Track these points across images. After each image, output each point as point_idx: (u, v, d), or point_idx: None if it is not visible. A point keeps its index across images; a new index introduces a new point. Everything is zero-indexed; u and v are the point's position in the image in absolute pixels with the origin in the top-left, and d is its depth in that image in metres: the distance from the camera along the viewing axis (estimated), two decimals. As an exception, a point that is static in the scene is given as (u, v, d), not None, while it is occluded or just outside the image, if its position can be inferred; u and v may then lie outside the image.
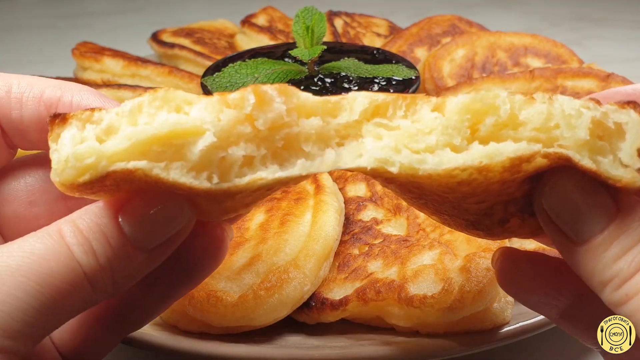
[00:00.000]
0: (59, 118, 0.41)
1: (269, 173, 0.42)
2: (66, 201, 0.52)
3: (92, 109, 0.42)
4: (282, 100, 0.43)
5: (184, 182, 0.41)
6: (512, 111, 0.40)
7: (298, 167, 0.43)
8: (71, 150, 0.40)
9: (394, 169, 0.42)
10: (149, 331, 0.66)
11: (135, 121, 0.41)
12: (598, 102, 0.39)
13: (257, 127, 0.42)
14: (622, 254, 0.40)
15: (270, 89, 0.42)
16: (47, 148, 0.48)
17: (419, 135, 0.42)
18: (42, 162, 0.52)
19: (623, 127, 0.38)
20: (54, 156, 0.41)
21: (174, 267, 0.49)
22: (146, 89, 1.15)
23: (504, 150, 0.40)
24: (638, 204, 0.41)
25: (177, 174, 0.41)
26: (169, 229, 0.45)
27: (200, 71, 1.22)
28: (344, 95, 0.44)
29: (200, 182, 0.41)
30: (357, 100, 0.43)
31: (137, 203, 0.44)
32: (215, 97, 0.42)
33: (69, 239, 0.42)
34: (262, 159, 0.43)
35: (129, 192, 0.44)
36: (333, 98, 0.44)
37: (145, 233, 0.44)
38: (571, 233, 0.42)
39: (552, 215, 0.43)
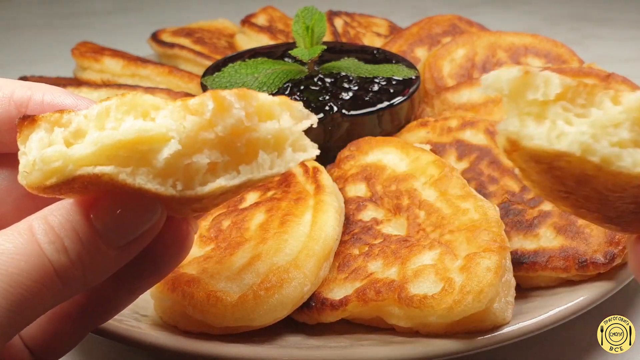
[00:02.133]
0: (28, 120, 0.41)
1: (229, 180, 0.43)
2: (34, 199, 0.52)
3: (62, 111, 0.42)
4: (241, 105, 0.43)
5: (150, 188, 0.41)
6: None
7: (264, 169, 0.44)
8: (38, 153, 0.40)
9: (595, 159, 0.40)
10: (148, 331, 0.66)
11: (103, 125, 0.41)
12: None
13: (217, 133, 0.42)
14: None
15: (228, 94, 0.43)
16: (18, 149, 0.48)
17: (610, 127, 0.41)
18: (8, 161, 0.51)
19: None
20: (21, 159, 0.41)
21: (141, 261, 0.49)
22: (146, 88, 1.15)
23: None
24: None
25: (142, 180, 0.41)
26: (141, 226, 0.45)
27: (200, 71, 1.22)
28: (528, 69, 0.42)
29: (166, 189, 0.42)
30: (553, 82, 0.42)
31: (109, 200, 0.44)
32: (179, 102, 0.42)
33: (39, 236, 0.42)
34: (224, 165, 0.44)
35: (97, 193, 0.44)
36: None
37: (117, 230, 0.44)
38: None
39: None
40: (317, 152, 0.48)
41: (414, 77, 1.05)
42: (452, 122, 0.93)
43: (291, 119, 0.46)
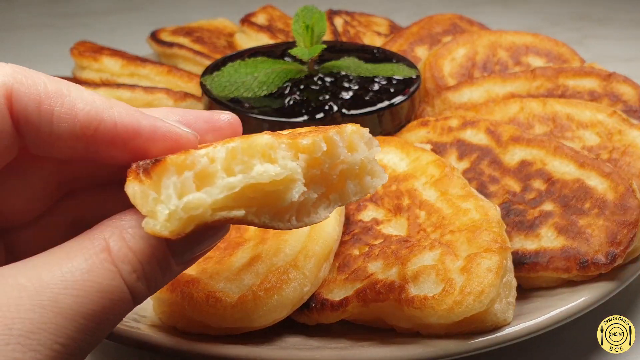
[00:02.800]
0: (158, 165, 0.41)
1: (327, 210, 0.48)
2: (59, 194, 0.52)
3: (186, 152, 0.42)
4: (342, 142, 0.47)
5: (273, 225, 0.44)
6: None
7: (350, 196, 0.49)
8: (179, 202, 0.40)
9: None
10: (147, 332, 0.65)
11: (231, 168, 0.42)
12: None
13: (323, 169, 0.46)
14: None
15: (334, 134, 0.47)
16: (73, 156, 0.46)
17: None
18: (41, 163, 0.50)
19: None
20: (158, 208, 0.41)
21: None
22: (145, 88, 1.14)
23: None
24: None
25: (267, 219, 0.44)
26: (211, 245, 0.47)
27: (199, 70, 1.21)
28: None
29: (285, 225, 0.45)
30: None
31: None
32: (287, 140, 0.44)
33: (121, 264, 0.42)
34: (320, 196, 0.47)
35: None
36: None
37: (190, 250, 0.45)
38: None
39: None
40: (387, 177, 0.52)
41: (414, 77, 1.05)
42: (452, 122, 0.93)
43: (365, 146, 0.50)
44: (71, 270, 0.40)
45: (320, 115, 0.94)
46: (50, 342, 0.38)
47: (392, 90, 1.01)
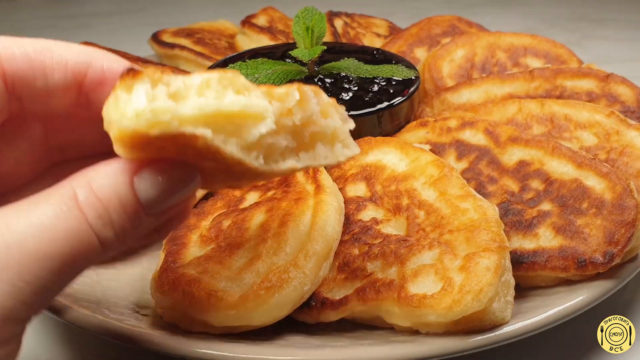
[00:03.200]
0: (133, 72, 0.42)
1: (297, 162, 0.50)
2: (47, 160, 0.53)
3: (162, 71, 0.44)
4: (316, 101, 0.50)
5: (239, 157, 0.45)
6: None
7: (320, 159, 0.51)
8: (148, 103, 0.41)
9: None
10: (149, 331, 0.66)
11: (203, 94, 0.44)
12: None
13: (294, 121, 0.48)
14: None
15: (309, 90, 0.49)
16: (69, 110, 0.48)
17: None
18: (31, 126, 0.52)
19: None
20: (126, 105, 0.41)
21: None
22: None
23: None
24: None
25: (234, 149, 0.44)
26: (180, 195, 0.46)
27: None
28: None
29: (251, 161, 0.46)
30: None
31: (155, 167, 0.44)
32: (264, 88, 0.47)
33: (87, 210, 0.42)
34: (289, 150, 0.50)
35: (155, 156, 0.45)
36: None
37: (160, 199, 0.45)
38: None
39: None
40: (359, 150, 0.55)
41: (413, 78, 1.05)
42: (451, 122, 0.93)
43: (339, 119, 0.52)
44: (38, 216, 0.41)
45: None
46: (14, 279, 0.39)
47: (391, 91, 1.01)
